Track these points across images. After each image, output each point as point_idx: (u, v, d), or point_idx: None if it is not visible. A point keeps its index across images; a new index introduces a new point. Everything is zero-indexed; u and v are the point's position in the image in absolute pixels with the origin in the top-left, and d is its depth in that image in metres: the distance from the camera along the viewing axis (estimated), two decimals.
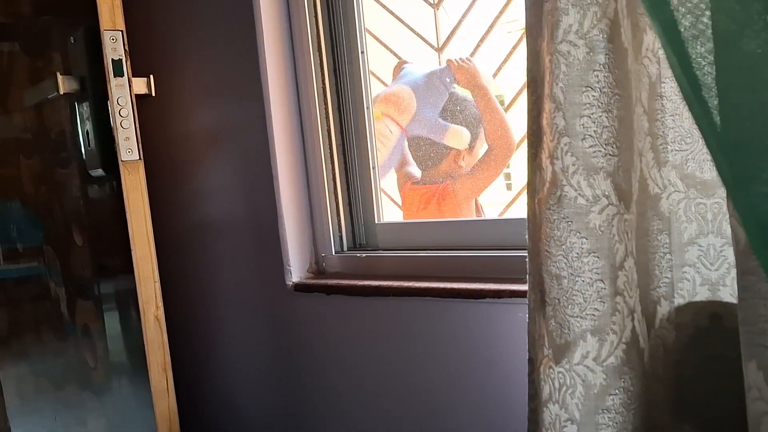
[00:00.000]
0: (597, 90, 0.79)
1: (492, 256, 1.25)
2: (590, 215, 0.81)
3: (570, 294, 0.82)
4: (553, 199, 0.82)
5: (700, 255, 0.86)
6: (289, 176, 1.49)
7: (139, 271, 1.36)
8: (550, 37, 0.80)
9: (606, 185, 0.80)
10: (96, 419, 1.68)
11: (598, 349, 0.82)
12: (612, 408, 0.83)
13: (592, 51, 0.79)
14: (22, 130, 1.74)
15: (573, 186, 0.80)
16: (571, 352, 0.83)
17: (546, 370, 0.85)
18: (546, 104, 0.82)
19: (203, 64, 1.63)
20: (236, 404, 1.76)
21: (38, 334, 1.76)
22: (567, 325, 0.83)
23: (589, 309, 0.82)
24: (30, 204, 1.75)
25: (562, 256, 0.82)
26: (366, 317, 1.39)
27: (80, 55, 1.40)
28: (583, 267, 0.81)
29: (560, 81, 0.80)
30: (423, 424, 1.33)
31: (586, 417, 0.83)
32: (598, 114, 0.79)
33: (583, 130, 0.80)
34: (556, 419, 0.84)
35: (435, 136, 1.66)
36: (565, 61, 0.79)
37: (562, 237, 0.82)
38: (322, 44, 1.47)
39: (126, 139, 1.34)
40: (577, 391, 0.83)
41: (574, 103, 0.79)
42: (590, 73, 0.79)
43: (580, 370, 0.83)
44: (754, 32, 0.52)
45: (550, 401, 0.85)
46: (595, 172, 0.80)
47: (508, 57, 1.63)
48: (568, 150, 0.80)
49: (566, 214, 0.81)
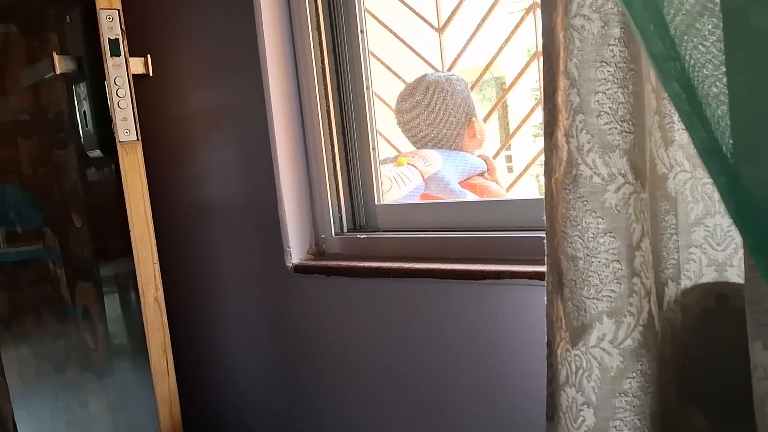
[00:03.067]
0: (612, 65, 0.77)
1: (493, 237, 1.25)
2: (606, 194, 0.79)
3: (586, 275, 0.80)
4: (569, 178, 0.80)
5: (706, 235, 0.85)
6: (289, 157, 1.48)
7: (138, 253, 1.35)
8: (564, 11, 0.78)
9: (622, 163, 0.78)
10: (97, 401, 1.68)
11: (615, 332, 0.80)
12: (629, 391, 0.81)
13: (607, 24, 0.76)
14: (20, 112, 1.73)
15: (588, 164, 0.79)
16: (587, 335, 0.81)
17: (563, 353, 0.84)
18: (561, 81, 0.80)
19: (201, 43, 1.61)
20: (236, 385, 1.76)
21: (39, 317, 1.76)
22: (583, 307, 0.81)
23: (605, 290, 0.80)
24: (29, 186, 1.74)
25: (578, 236, 0.80)
26: (366, 298, 1.38)
27: (76, 34, 1.38)
28: (599, 247, 0.80)
29: (575, 56, 0.78)
30: (423, 406, 1.33)
31: (603, 400, 0.82)
32: (614, 90, 0.77)
33: (598, 106, 0.78)
34: (572, 403, 0.83)
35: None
36: (579, 35, 0.77)
37: (577, 217, 0.80)
38: (322, 23, 1.45)
39: (123, 120, 1.32)
40: (593, 374, 0.82)
41: (588, 79, 0.77)
42: (605, 47, 0.77)
43: (597, 352, 0.81)
44: (764, 7, 0.50)
45: (567, 384, 0.84)
46: (611, 149, 0.78)
47: (509, 38, 1.61)
48: (583, 128, 0.78)
49: (582, 193, 0.79)
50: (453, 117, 1.74)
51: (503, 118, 2.07)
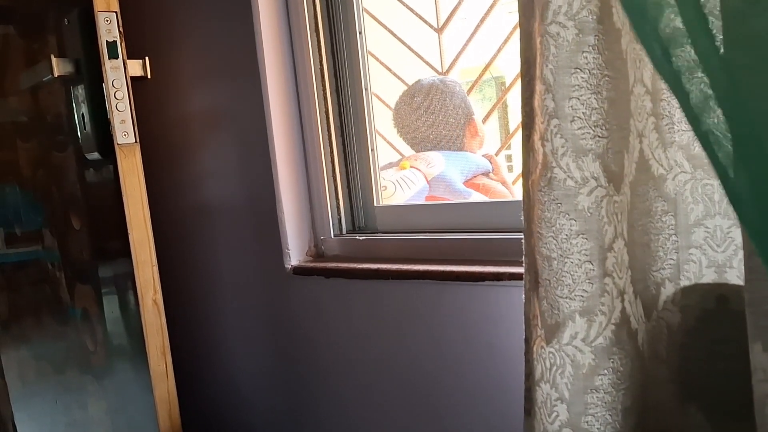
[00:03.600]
0: (586, 72, 0.79)
1: (491, 238, 1.24)
2: (579, 197, 0.81)
3: (559, 275, 0.83)
4: (544, 180, 0.82)
5: (706, 236, 0.86)
6: (288, 159, 1.48)
7: (136, 255, 1.35)
8: (541, 18, 0.80)
9: (595, 167, 0.81)
10: (96, 402, 1.68)
11: (587, 330, 0.83)
12: (601, 388, 0.84)
13: (582, 32, 0.78)
14: (19, 114, 1.73)
15: (562, 168, 0.81)
16: (560, 333, 0.84)
17: (538, 350, 0.86)
18: (537, 86, 0.82)
19: (200, 45, 1.61)
20: (235, 388, 1.76)
21: (38, 318, 1.76)
22: (557, 305, 0.83)
23: (577, 290, 0.82)
24: (28, 188, 1.74)
25: (552, 237, 0.83)
26: (365, 300, 1.38)
27: (75, 37, 1.38)
28: (572, 248, 0.82)
29: (550, 63, 0.79)
30: (422, 406, 1.33)
31: (575, 396, 0.84)
32: (587, 96, 0.79)
33: (572, 111, 0.80)
34: (547, 398, 0.86)
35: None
36: (554, 42, 0.79)
37: (551, 218, 0.82)
38: (320, 24, 1.45)
39: (122, 122, 1.32)
40: (566, 371, 0.84)
41: (563, 84, 0.79)
42: (579, 54, 0.79)
43: (569, 350, 0.84)
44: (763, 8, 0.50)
45: (542, 380, 0.86)
46: (583, 153, 0.80)
47: (508, 38, 1.61)
48: (558, 132, 0.80)
49: (556, 195, 0.81)
50: (452, 118, 1.74)
51: (503, 118, 2.06)
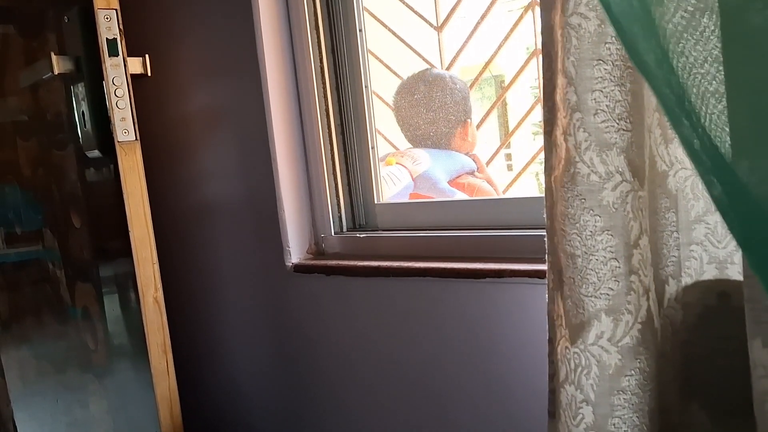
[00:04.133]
0: (609, 63, 0.77)
1: (492, 235, 1.24)
2: (603, 192, 0.79)
3: (584, 273, 0.80)
4: (567, 176, 0.80)
5: (707, 233, 0.85)
6: (288, 156, 1.48)
7: (137, 253, 1.35)
8: (562, 9, 0.78)
9: (619, 161, 0.78)
10: (97, 401, 1.68)
11: (613, 329, 0.81)
12: (628, 389, 0.82)
13: (603, 22, 0.76)
14: (19, 112, 1.72)
15: (586, 162, 0.79)
16: (585, 333, 0.81)
17: (563, 351, 0.84)
18: (559, 79, 0.80)
19: (200, 42, 1.61)
20: (236, 385, 1.76)
21: (39, 317, 1.76)
22: (582, 304, 0.81)
23: (603, 288, 0.80)
24: (28, 187, 1.74)
25: (576, 234, 0.80)
26: (366, 297, 1.38)
27: (74, 34, 1.38)
28: (597, 245, 0.80)
29: (572, 55, 0.78)
30: (424, 404, 1.33)
31: (601, 398, 0.82)
32: (611, 88, 0.77)
33: (595, 104, 0.78)
34: (572, 400, 0.83)
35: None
36: (576, 34, 0.77)
37: (575, 215, 0.80)
38: (320, 22, 1.45)
39: (122, 120, 1.32)
40: (592, 371, 0.82)
41: (585, 77, 0.77)
42: (602, 45, 0.77)
43: (595, 350, 0.81)
44: (762, 4, 0.50)
45: (567, 382, 0.84)
46: (608, 147, 0.78)
47: (508, 35, 1.60)
48: (581, 126, 0.78)
49: (579, 191, 0.79)
50: (452, 115, 1.74)
51: (502, 116, 2.06)
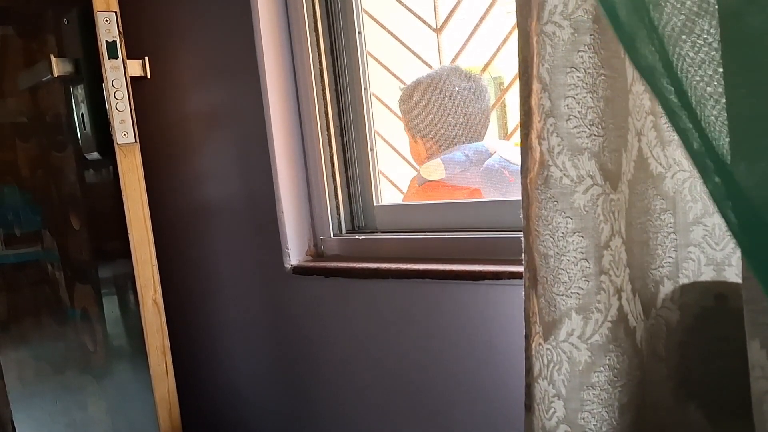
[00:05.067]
0: (582, 71, 0.80)
1: (491, 237, 1.25)
2: (575, 195, 0.82)
3: (556, 273, 0.83)
4: (541, 179, 0.83)
5: (705, 235, 0.86)
6: (287, 158, 1.48)
7: (136, 255, 1.35)
8: (537, 17, 0.81)
9: (590, 165, 0.81)
10: (96, 403, 1.68)
11: (583, 327, 0.84)
12: (597, 385, 0.85)
13: (577, 31, 0.79)
14: (18, 114, 1.73)
15: (558, 166, 0.81)
16: (557, 330, 0.84)
17: (537, 347, 0.87)
18: (534, 85, 0.83)
19: (199, 45, 1.62)
20: (235, 387, 1.76)
21: (38, 319, 1.76)
22: (554, 302, 0.84)
23: (574, 287, 0.83)
24: (27, 188, 1.74)
25: (549, 235, 0.83)
26: (364, 299, 1.38)
27: (74, 37, 1.38)
28: (568, 246, 0.82)
29: (546, 62, 0.80)
30: (422, 406, 1.33)
31: (571, 393, 0.85)
32: (583, 95, 0.80)
33: (568, 110, 0.80)
34: (545, 394, 0.86)
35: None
36: (550, 42, 0.79)
37: (548, 216, 0.83)
38: (319, 24, 1.45)
39: (121, 122, 1.32)
40: (563, 367, 0.85)
41: (559, 83, 0.80)
42: (575, 53, 0.79)
43: (566, 347, 0.84)
44: (759, 7, 0.50)
45: (540, 377, 0.87)
46: (579, 152, 0.81)
47: (507, 37, 1.61)
48: (554, 130, 0.81)
49: (552, 194, 0.82)
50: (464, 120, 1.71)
51: (501, 118, 2.06)
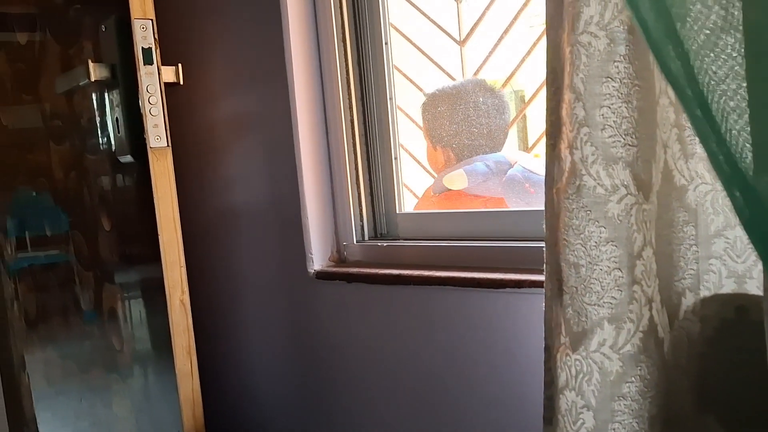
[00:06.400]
0: (617, 81, 0.80)
1: (513, 246, 1.26)
2: (609, 204, 0.81)
3: (588, 282, 0.83)
4: (572, 188, 0.82)
5: (726, 247, 0.86)
6: (313, 166, 1.51)
7: (165, 256, 1.39)
8: (571, 28, 0.81)
9: (625, 175, 0.81)
10: (121, 401, 1.71)
11: (615, 337, 0.83)
12: (628, 395, 0.84)
13: (613, 42, 0.79)
14: (54, 117, 1.77)
15: (592, 175, 0.81)
16: (588, 340, 0.83)
17: (563, 358, 0.86)
18: (566, 95, 0.83)
19: (230, 54, 1.65)
20: (258, 388, 1.78)
21: (65, 318, 1.79)
22: (584, 313, 0.83)
23: (606, 297, 0.82)
24: (59, 190, 1.78)
25: (580, 244, 0.83)
26: (386, 305, 1.40)
27: (111, 43, 1.43)
28: (601, 255, 0.82)
29: (580, 72, 0.80)
30: (442, 412, 1.34)
31: (602, 404, 0.84)
32: (618, 104, 0.80)
33: (603, 120, 0.80)
34: (572, 406, 0.85)
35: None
36: (585, 51, 0.80)
37: (580, 226, 0.82)
38: (347, 35, 1.48)
39: (155, 127, 1.36)
40: (593, 378, 0.84)
41: (594, 93, 0.80)
42: (611, 63, 0.80)
43: (597, 357, 0.84)
44: None
45: (567, 388, 0.86)
46: (614, 161, 0.81)
47: (530, 51, 1.63)
48: (588, 140, 0.81)
49: (585, 203, 0.82)
50: (483, 130, 1.72)
51: (522, 131, 2.07)
